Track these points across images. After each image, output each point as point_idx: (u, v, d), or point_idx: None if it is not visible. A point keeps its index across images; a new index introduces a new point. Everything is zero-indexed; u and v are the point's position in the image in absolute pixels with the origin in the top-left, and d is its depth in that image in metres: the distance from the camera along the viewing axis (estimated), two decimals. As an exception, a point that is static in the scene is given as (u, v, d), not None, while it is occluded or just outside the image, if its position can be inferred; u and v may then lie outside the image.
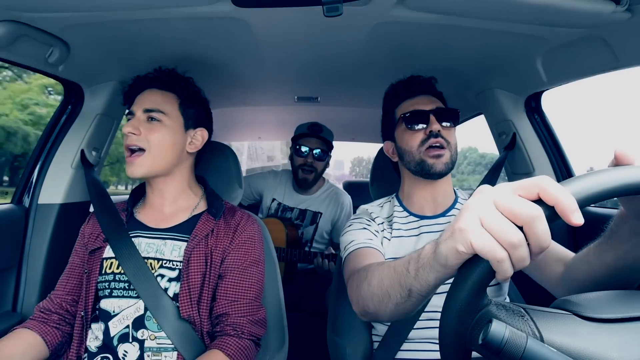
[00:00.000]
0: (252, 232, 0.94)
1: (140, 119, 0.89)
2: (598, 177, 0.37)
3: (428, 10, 0.81)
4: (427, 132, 0.89)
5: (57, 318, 0.87)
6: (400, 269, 0.53)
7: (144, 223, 0.92)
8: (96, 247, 0.89)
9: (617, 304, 0.39)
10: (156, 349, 0.81)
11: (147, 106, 0.90)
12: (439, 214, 0.93)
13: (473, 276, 0.37)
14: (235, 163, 1.14)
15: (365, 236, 0.87)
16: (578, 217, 0.34)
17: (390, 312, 0.58)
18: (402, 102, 0.96)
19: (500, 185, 0.38)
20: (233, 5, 0.75)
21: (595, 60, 0.90)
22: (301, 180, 1.77)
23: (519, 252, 0.34)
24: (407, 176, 0.97)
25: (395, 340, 0.85)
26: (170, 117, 0.91)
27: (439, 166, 0.87)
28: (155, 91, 0.93)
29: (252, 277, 0.89)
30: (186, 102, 0.94)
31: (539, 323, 0.36)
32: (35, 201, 1.14)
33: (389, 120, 1.00)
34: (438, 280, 0.45)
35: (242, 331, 0.83)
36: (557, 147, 1.26)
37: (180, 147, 0.92)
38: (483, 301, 0.37)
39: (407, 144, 0.91)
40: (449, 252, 0.39)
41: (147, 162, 0.87)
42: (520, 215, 0.34)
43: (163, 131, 0.89)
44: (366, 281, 0.65)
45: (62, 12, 0.81)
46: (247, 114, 2.02)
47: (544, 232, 0.34)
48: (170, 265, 0.86)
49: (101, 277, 0.86)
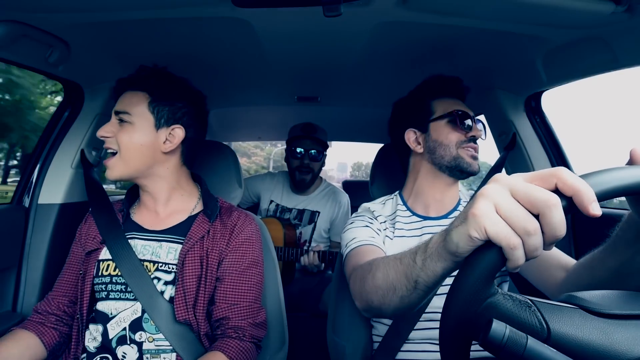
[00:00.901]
0: (250, 233, 0.92)
1: (113, 122, 0.88)
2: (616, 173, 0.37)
3: (428, 11, 0.81)
4: (467, 136, 0.91)
5: (54, 319, 0.87)
6: (406, 260, 0.53)
7: (139, 224, 0.91)
8: (93, 248, 0.88)
9: (625, 302, 0.39)
10: (155, 351, 0.81)
11: (116, 108, 0.88)
12: (442, 216, 0.93)
13: (483, 263, 0.36)
14: (235, 163, 1.14)
15: (367, 234, 0.87)
16: (596, 208, 0.34)
17: (395, 305, 0.58)
18: (443, 98, 0.96)
19: (517, 174, 0.38)
20: (233, 6, 0.75)
21: (595, 60, 0.90)
22: (299, 182, 1.77)
23: (533, 240, 0.34)
24: (425, 170, 0.95)
25: (395, 340, 0.85)
26: (138, 116, 0.86)
27: (475, 166, 0.91)
28: (128, 92, 0.90)
29: (251, 279, 0.88)
30: (157, 100, 0.88)
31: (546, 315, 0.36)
32: (35, 201, 1.14)
33: (420, 109, 0.97)
34: (446, 269, 0.45)
35: (243, 334, 0.83)
36: (557, 147, 1.26)
37: (152, 147, 0.87)
38: (490, 290, 0.37)
39: (446, 138, 0.91)
40: (461, 238, 0.39)
41: (120, 165, 0.86)
42: (537, 202, 0.34)
43: (131, 132, 0.85)
44: (370, 274, 0.64)
45: (62, 12, 0.81)
46: (247, 114, 2.02)
47: (560, 221, 0.34)
48: (166, 269, 0.85)
49: (97, 279, 0.85)
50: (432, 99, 0.96)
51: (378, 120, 1.91)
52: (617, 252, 0.54)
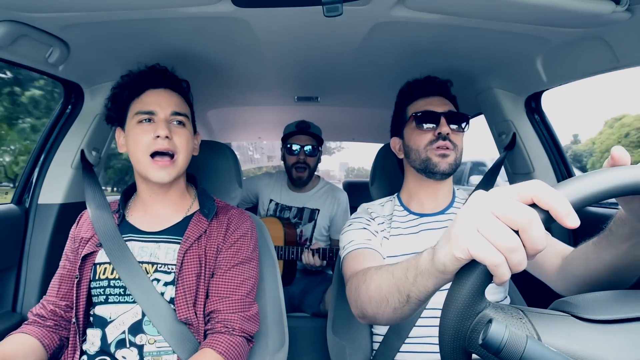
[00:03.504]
0: (245, 229, 0.92)
1: (167, 121, 0.85)
2: (591, 179, 0.37)
3: (428, 10, 0.81)
4: (435, 134, 0.90)
5: (52, 323, 0.86)
6: (398, 274, 0.54)
7: (136, 226, 0.89)
8: (89, 252, 0.86)
9: (615, 305, 0.40)
10: (156, 352, 0.80)
11: (174, 109, 0.87)
12: (438, 212, 0.94)
13: (470, 280, 0.37)
14: (235, 163, 1.14)
15: (364, 236, 0.88)
16: (573, 220, 0.34)
17: (388, 316, 0.58)
18: (415, 101, 0.97)
19: (495, 190, 0.38)
20: (233, 5, 0.75)
21: (595, 60, 0.90)
22: (296, 179, 1.79)
23: (515, 256, 0.35)
24: (411, 174, 0.98)
25: (396, 339, 0.85)
26: (189, 121, 0.90)
27: (443, 165, 0.88)
28: (173, 93, 0.90)
29: (244, 274, 0.88)
30: (192, 109, 0.95)
31: (537, 325, 0.36)
32: (35, 201, 1.14)
33: (399, 117, 1.01)
34: (437, 286, 0.46)
35: (232, 327, 0.82)
36: (557, 147, 1.26)
37: (192, 152, 0.92)
38: (481, 304, 0.37)
39: (414, 143, 0.92)
40: (447, 259, 0.40)
41: (176, 168, 0.85)
42: (516, 220, 0.35)
43: (187, 136, 0.88)
44: (364, 285, 0.65)
45: (61, 12, 0.80)
46: (247, 114, 2.02)
47: (539, 236, 0.34)
48: (166, 269, 0.84)
49: (94, 283, 0.84)
50: (407, 104, 0.98)
51: (378, 121, 1.91)
52: (611, 246, 0.55)
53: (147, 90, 0.89)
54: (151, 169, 0.84)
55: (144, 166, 0.84)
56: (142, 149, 0.84)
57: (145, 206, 0.92)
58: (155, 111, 0.85)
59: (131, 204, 0.95)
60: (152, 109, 0.85)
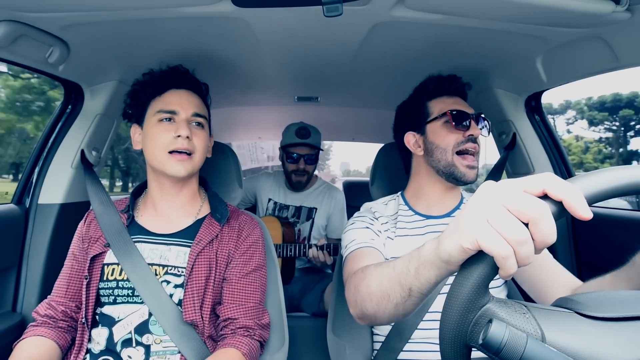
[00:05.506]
0: (257, 237, 0.94)
1: (188, 121, 0.87)
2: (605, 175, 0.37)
3: (428, 10, 0.81)
4: (466, 135, 0.88)
5: (65, 325, 0.86)
6: (400, 267, 0.53)
7: (146, 228, 0.89)
8: (97, 252, 0.86)
9: (620, 303, 0.39)
10: (162, 352, 0.81)
11: (195, 110, 0.88)
12: (445, 214, 0.93)
13: (476, 273, 0.37)
14: (235, 163, 1.14)
15: (367, 236, 0.87)
16: (587, 211, 0.34)
17: (389, 313, 0.57)
18: (439, 97, 0.94)
19: (506, 181, 0.37)
20: (233, 5, 0.75)
21: (595, 60, 0.90)
22: (295, 183, 1.80)
23: (524, 249, 0.34)
24: (425, 172, 0.95)
25: (397, 341, 0.85)
26: (207, 123, 0.92)
27: (469, 176, 0.88)
28: (194, 94, 0.91)
29: (256, 281, 0.90)
30: (209, 111, 0.96)
31: (540, 321, 0.36)
32: (35, 201, 1.14)
33: (418, 111, 0.96)
34: (439, 277, 0.45)
35: (254, 333, 0.85)
36: (557, 147, 1.26)
37: (206, 154, 0.93)
38: (485, 298, 0.37)
39: (443, 140, 0.89)
40: (453, 249, 0.39)
41: (192, 163, 0.87)
42: (527, 212, 0.34)
43: (205, 138, 0.90)
44: (364, 282, 0.64)
45: (61, 12, 0.81)
46: (247, 113, 2.02)
47: (549, 229, 0.34)
48: (176, 272, 0.84)
49: (103, 284, 0.84)
50: (429, 100, 0.95)
51: (378, 121, 1.91)
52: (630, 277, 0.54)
53: (170, 90, 0.90)
54: (169, 162, 0.84)
55: (160, 161, 0.85)
56: (161, 146, 0.84)
57: (155, 207, 0.92)
58: (177, 111, 0.86)
59: (140, 205, 0.95)
60: (174, 108, 0.86)
